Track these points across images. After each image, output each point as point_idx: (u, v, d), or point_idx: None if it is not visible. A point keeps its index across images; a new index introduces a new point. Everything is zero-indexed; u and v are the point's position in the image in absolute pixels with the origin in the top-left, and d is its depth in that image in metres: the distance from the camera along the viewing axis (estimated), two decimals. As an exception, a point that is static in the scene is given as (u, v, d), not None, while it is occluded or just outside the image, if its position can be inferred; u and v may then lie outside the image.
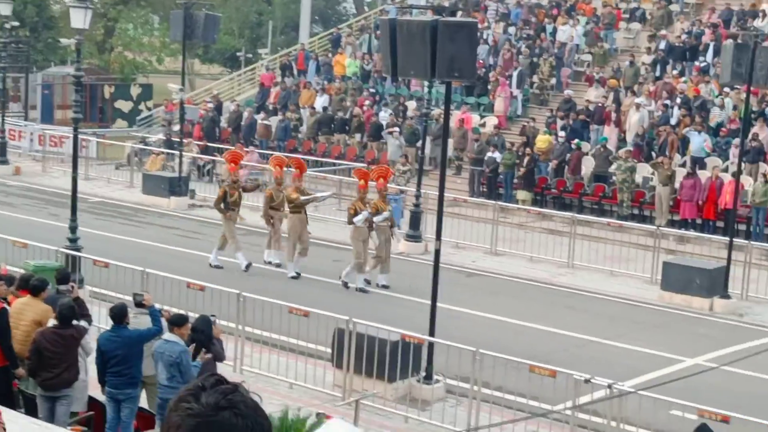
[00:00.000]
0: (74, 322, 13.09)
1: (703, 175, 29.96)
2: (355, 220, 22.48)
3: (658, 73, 36.57)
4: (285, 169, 25.20)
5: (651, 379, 16.96)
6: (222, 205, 24.14)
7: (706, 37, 37.17)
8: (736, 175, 24.28)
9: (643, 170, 31.52)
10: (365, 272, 22.80)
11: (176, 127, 36.71)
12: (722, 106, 32.72)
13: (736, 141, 28.84)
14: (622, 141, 33.74)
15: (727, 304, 22.63)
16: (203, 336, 13.40)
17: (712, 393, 15.93)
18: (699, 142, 31.44)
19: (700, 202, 29.39)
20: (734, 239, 23.28)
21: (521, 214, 29.75)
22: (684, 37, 38.11)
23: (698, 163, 30.92)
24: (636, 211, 30.95)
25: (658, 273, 23.84)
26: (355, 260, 22.61)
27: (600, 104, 34.97)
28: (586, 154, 33.26)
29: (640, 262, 24.94)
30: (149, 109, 49.99)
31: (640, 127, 33.10)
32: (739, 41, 24.82)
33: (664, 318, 21.93)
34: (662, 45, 37.78)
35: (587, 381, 14.21)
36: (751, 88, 23.54)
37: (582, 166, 32.72)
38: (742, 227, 28.11)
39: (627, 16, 41.93)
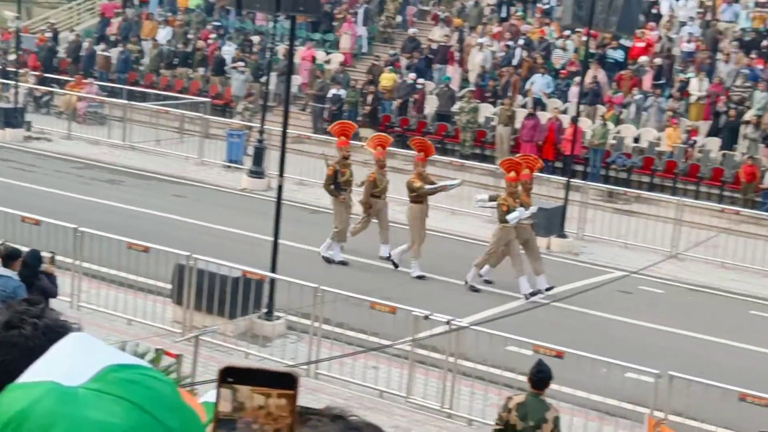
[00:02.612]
0: None
1: (543, 116, 30.47)
2: (509, 218, 19.32)
3: (503, 15, 36.89)
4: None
5: (487, 316, 17.28)
6: (332, 186, 21.55)
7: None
8: (575, 119, 24.74)
9: (486, 110, 31.87)
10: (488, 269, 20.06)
11: (11, 57, 35.59)
12: (564, 49, 33.25)
13: (577, 79, 29.31)
14: (465, 81, 34.04)
15: (564, 243, 23.15)
16: (27, 271, 13.08)
17: (546, 329, 16.30)
18: (541, 83, 31.93)
19: (540, 143, 29.90)
20: (571, 180, 23.75)
21: (364, 151, 29.68)
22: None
23: (538, 104, 31.42)
24: (478, 151, 31.32)
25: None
26: (486, 256, 19.80)
27: (444, 43, 35.16)
28: (430, 93, 33.46)
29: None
30: (-18, 36, 48.21)
31: (483, 68, 33.44)
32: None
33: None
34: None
35: (426, 317, 14.39)
36: (591, 31, 23.95)
37: (425, 105, 32.92)
38: (580, 168, 28.74)
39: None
